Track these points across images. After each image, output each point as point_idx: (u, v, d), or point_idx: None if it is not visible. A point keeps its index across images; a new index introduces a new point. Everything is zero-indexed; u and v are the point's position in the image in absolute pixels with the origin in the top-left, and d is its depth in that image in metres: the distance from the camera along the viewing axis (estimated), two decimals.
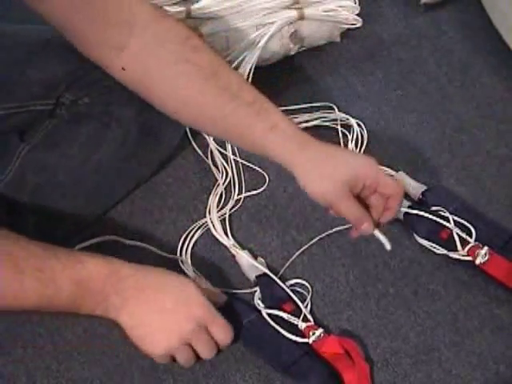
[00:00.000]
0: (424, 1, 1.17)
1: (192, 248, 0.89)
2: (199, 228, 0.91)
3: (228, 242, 0.89)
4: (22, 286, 0.66)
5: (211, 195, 0.94)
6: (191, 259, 0.88)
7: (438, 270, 0.86)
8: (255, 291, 0.83)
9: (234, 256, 0.88)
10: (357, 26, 1.06)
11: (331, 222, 0.89)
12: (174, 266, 0.86)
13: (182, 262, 0.87)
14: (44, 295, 0.66)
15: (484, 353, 0.79)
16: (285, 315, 0.79)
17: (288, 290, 0.82)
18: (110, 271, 0.70)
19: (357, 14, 1.05)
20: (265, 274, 0.84)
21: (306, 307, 0.82)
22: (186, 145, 1.00)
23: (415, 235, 0.87)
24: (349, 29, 1.08)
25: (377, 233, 0.77)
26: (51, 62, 0.86)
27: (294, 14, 1.01)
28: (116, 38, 0.75)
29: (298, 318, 0.79)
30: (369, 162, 0.76)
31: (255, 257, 0.88)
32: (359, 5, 1.05)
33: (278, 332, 0.78)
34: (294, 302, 0.81)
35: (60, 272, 0.67)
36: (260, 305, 0.81)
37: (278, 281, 0.83)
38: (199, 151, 0.99)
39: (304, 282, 0.85)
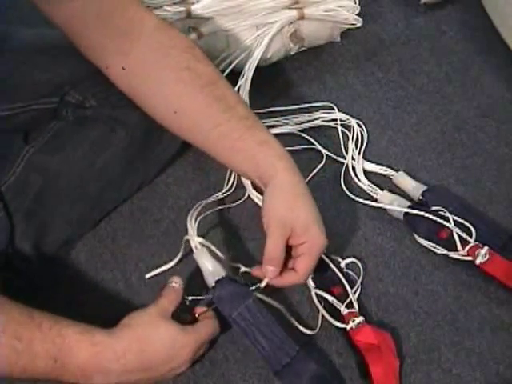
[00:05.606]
0: (424, 1, 1.17)
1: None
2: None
3: None
4: None
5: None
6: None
7: (438, 270, 0.86)
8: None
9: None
10: (357, 25, 1.06)
11: None
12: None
13: (196, 248, 0.83)
14: (17, 365, 0.63)
15: (484, 353, 0.79)
16: (330, 298, 0.80)
17: (340, 275, 0.82)
18: (91, 349, 0.66)
19: (357, 14, 1.05)
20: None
21: (355, 293, 0.82)
22: (186, 145, 0.99)
23: (415, 235, 0.88)
24: (349, 29, 1.08)
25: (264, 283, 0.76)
26: (57, 64, 0.87)
27: (294, 13, 1.01)
28: (121, 45, 0.77)
29: (343, 302, 0.79)
30: (319, 236, 0.76)
31: None
32: (359, 5, 1.04)
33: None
34: (344, 286, 0.82)
35: (38, 344, 0.63)
36: (311, 284, 0.82)
37: (332, 265, 0.83)
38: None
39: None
